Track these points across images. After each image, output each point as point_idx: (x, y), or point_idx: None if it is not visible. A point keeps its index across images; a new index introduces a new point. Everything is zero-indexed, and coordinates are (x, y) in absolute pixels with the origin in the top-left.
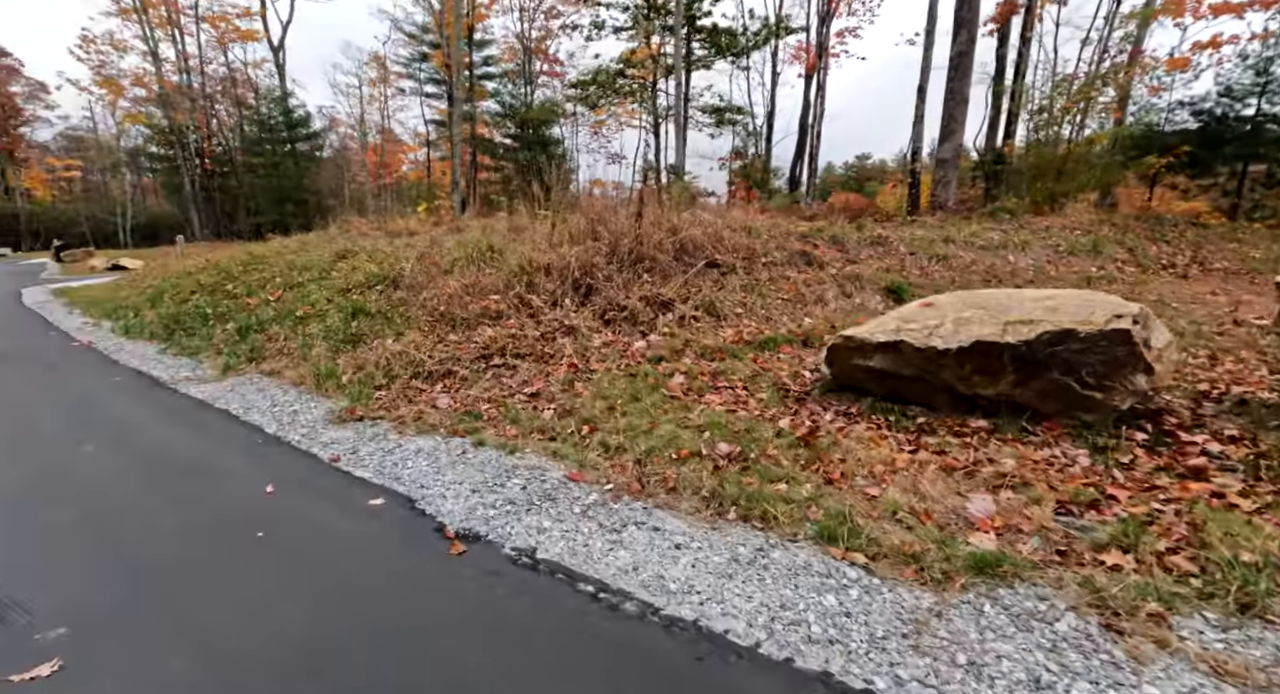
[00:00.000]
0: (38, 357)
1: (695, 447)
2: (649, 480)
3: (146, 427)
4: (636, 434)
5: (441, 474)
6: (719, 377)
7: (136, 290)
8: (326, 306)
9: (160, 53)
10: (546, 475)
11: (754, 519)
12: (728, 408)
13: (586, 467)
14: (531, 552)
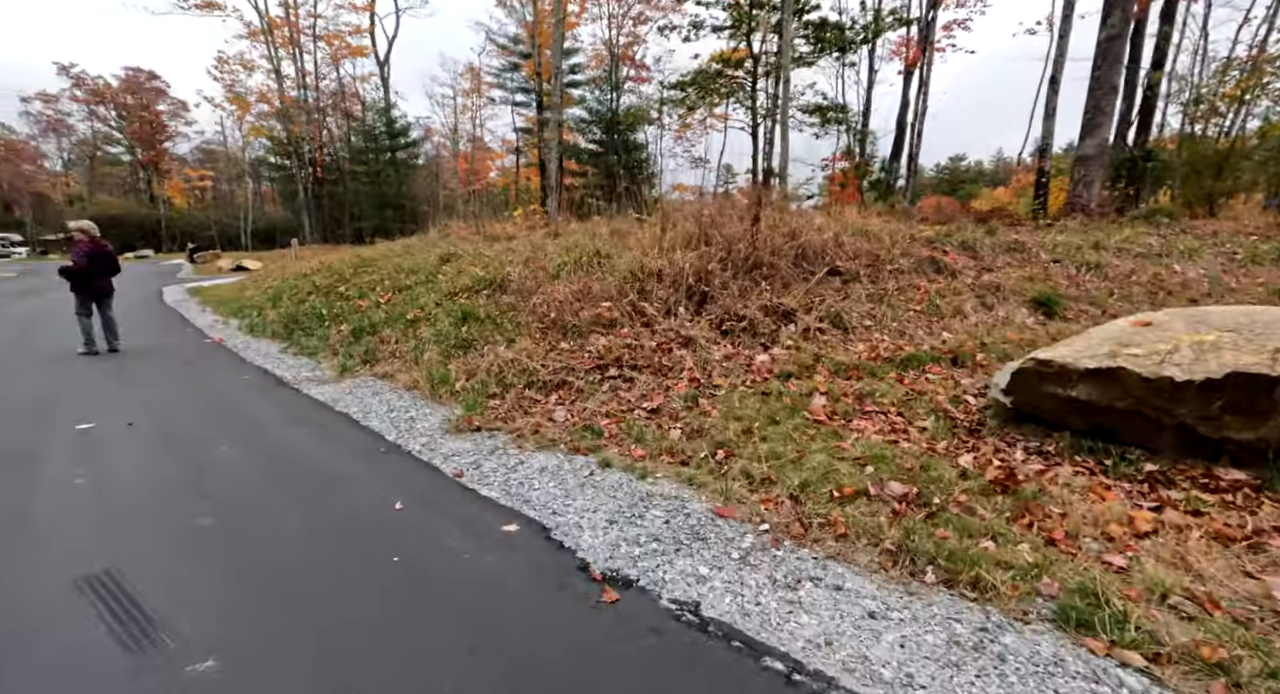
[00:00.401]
0: (177, 353)
1: (858, 483)
2: (811, 522)
3: (274, 428)
4: (783, 464)
5: (571, 499)
6: (865, 399)
7: (259, 291)
8: (435, 310)
9: (282, 70)
10: (688, 507)
11: (961, 585)
12: (885, 437)
13: (731, 499)
14: (695, 607)
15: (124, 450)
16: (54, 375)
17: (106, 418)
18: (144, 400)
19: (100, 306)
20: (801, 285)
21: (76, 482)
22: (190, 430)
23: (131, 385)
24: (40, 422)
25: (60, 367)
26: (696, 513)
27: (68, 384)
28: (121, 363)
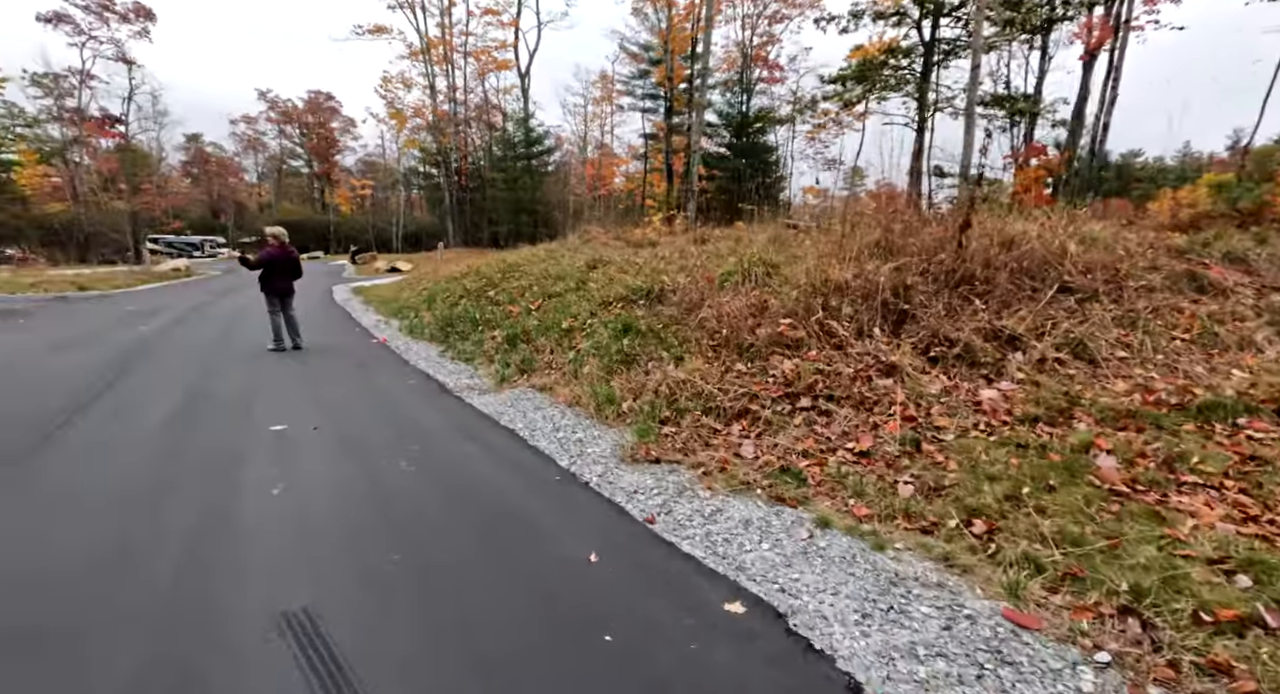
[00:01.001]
0: (349, 352)
1: (1233, 601)
2: (1180, 660)
3: (447, 443)
4: (1088, 553)
5: (797, 570)
6: (1174, 464)
7: (414, 293)
8: (590, 320)
9: (436, 86)
10: (963, 604)
11: None
12: (1240, 527)
13: (1023, 600)
14: None
15: (313, 459)
16: (250, 372)
17: (296, 419)
18: (325, 401)
19: (283, 306)
20: (1026, 305)
21: (274, 492)
22: (369, 438)
23: (313, 384)
24: (242, 420)
25: (255, 363)
26: (980, 616)
27: (262, 381)
28: (305, 361)
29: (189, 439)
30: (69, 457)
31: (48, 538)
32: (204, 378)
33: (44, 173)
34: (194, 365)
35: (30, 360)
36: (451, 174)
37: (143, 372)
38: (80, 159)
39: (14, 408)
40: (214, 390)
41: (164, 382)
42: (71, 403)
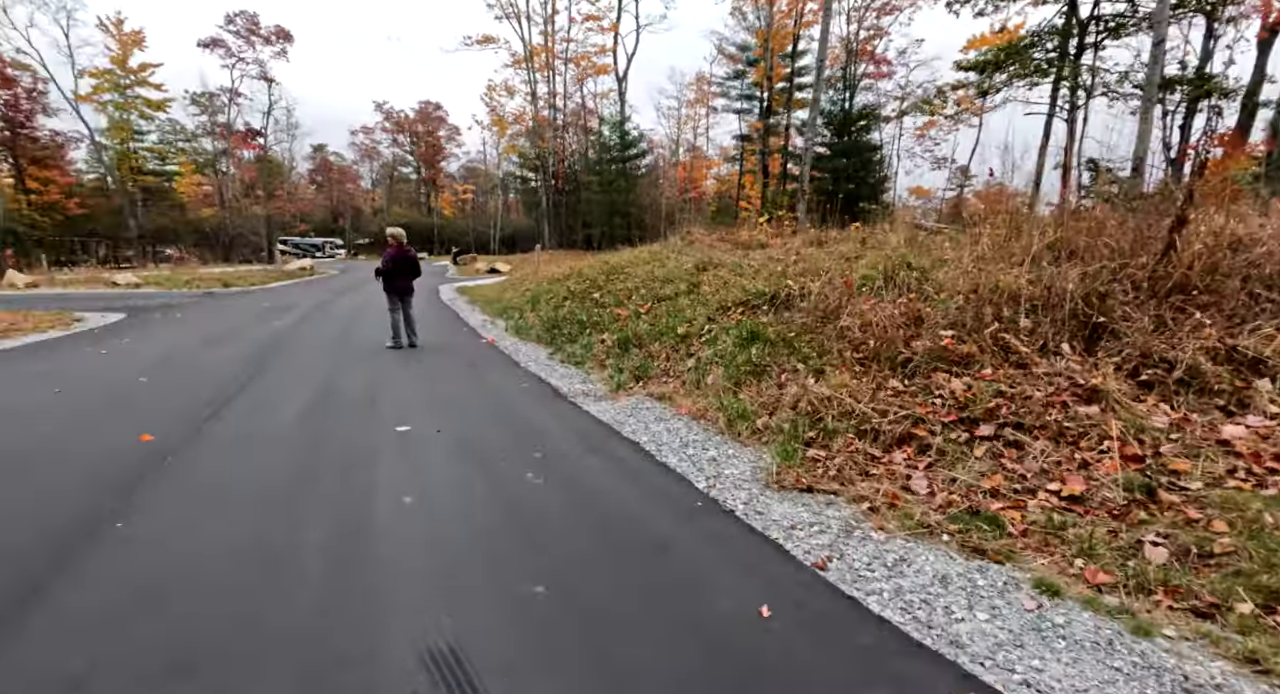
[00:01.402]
0: (460, 351)
1: None
2: None
3: (571, 454)
4: None
5: (1035, 655)
6: None
7: (517, 293)
8: (709, 326)
9: (537, 92)
10: None
11: None
12: None
13: None
14: None
15: (439, 464)
16: (372, 369)
17: (417, 419)
18: (443, 400)
19: (403, 304)
20: (1265, 320)
21: (405, 500)
22: (490, 444)
23: (430, 382)
24: (368, 419)
25: (375, 360)
26: None
27: (383, 378)
28: (420, 359)
29: (322, 437)
30: (217, 450)
31: (197, 536)
32: (332, 373)
33: (198, 182)
34: (322, 361)
35: (185, 353)
36: (549, 178)
37: (278, 366)
38: (227, 169)
39: (171, 402)
40: (341, 386)
41: (297, 376)
42: (219, 395)
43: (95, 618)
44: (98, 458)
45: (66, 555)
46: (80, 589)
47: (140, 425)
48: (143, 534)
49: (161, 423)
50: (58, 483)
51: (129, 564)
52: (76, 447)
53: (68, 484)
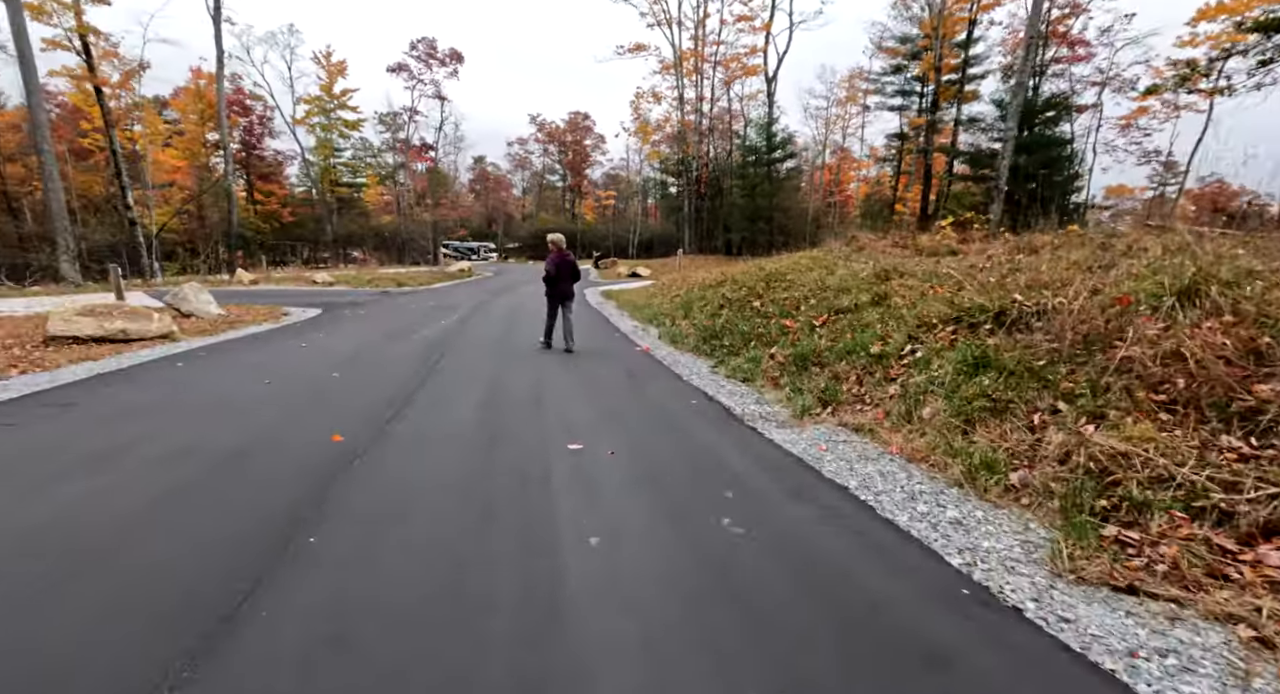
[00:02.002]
0: (617, 358)
1: None
2: None
3: (767, 495)
4: None
5: None
6: None
7: (666, 299)
8: (910, 345)
9: (684, 96)
10: None
11: None
12: None
13: None
14: None
15: (620, 497)
16: (535, 371)
17: (587, 434)
18: (610, 414)
19: (563, 308)
20: None
21: (592, 542)
22: (671, 473)
23: (593, 392)
24: (538, 429)
25: (536, 362)
26: None
27: (546, 384)
28: (578, 364)
29: (496, 447)
30: (399, 452)
31: (378, 573)
32: (498, 375)
33: (380, 192)
34: (487, 361)
35: (369, 349)
36: (691, 182)
37: (449, 365)
38: (403, 180)
39: (359, 399)
40: (508, 390)
41: (466, 377)
42: (399, 394)
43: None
44: (296, 461)
45: (260, 574)
46: (240, 644)
47: (333, 422)
48: (327, 555)
49: (351, 422)
50: (260, 490)
51: (312, 594)
52: (281, 445)
53: (271, 491)
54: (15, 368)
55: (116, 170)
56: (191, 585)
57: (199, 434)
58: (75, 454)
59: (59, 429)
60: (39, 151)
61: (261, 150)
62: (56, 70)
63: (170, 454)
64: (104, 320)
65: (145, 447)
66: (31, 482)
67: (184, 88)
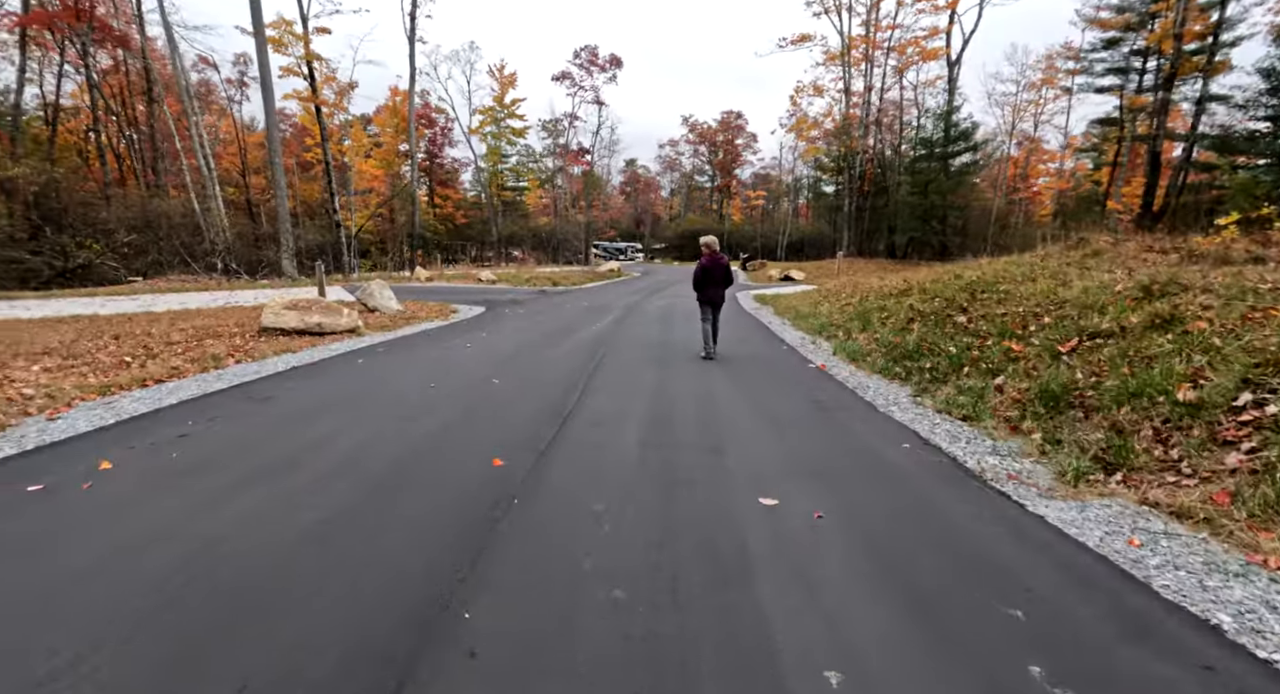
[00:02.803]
0: (790, 377)
1: None
2: None
3: (1092, 637)
4: None
5: None
6: None
7: (835, 307)
8: (1248, 391)
9: (850, 87)
10: None
11: None
12: None
13: None
14: None
15: (846, 591)
16: (699, 384)
17: (780, 484)
18: (803, 456)
19: (713, 313)
20: None
21: (830, 680)
22: (915, 564)
23: (771, 419)
24: (715, 469)
25: (699, 375)
26: None
27: (716, 403)
28: (749, 383)
29: (673, 497)
30: (560, 496)
31: (541, 654)
32: (660, 389)
33: (539, 195)
34: (647, 372)
35: (529, 351)
36: (853, 179)
37: (608, 376)
38: (560, 183)
39: (518, 413)
40: (674, 412)
41: (627, 392)
42: (557, 409)
43: None
44: (454, 490)
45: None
46: None
47: (493, 439)
48: (484, 626)
49: (510, 439)
50: (414, 532)
51: None
52: (440, 464)
53: (426, 533)
54: (232, 357)
55: (328, 179)
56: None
57: (364, 445)
58: (247, 465)
59: (245, 430)
60: (271, 164)
61: (442, 159)
62: (289, 93)
63: (334, 470)
64: (304, 314)
65: (315, 458)
66: (197, 497)
67: (384, 105)
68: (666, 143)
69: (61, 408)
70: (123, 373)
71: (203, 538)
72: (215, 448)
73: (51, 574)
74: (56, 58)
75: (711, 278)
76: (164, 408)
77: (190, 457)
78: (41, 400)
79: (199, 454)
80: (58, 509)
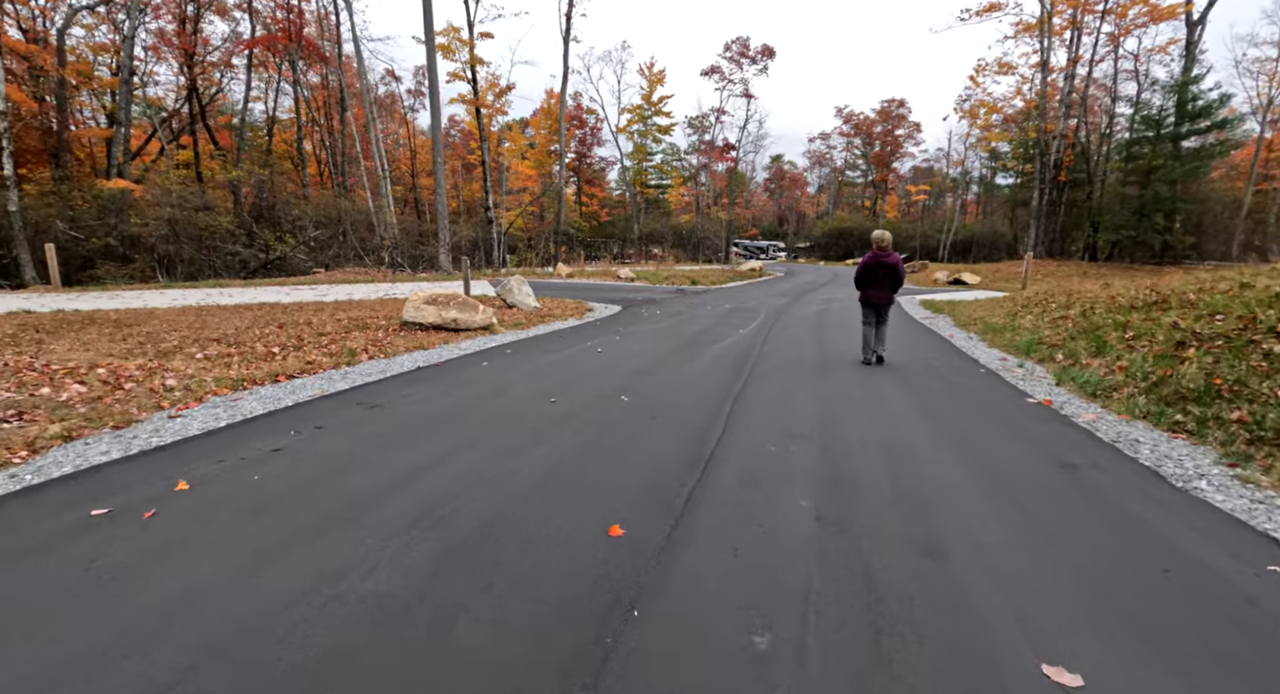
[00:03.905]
0: (1005, 416)
1: None
2: None
3: None
4: None
5: None
6: None
7: (1041, 318)
8: None
9: (1048, 62)
10: None
11: None
12: None
13: None
14: None
15: None
16: (890, 435)
17: (1073, 641)
18: (1080, 566)
19: (877, 318)
20: None
21: None
22: None
23: (1005, 491)
24: (954, 604)
25: (884, 411)
26: None
27: (920, 467)
28: (952, 423)
29: (883, 625)
30: (706, 568)
31: None
32: (830, 423)
33: (681, 192)
34: (807, 399)
35: (664, 363)
36: (1047, 169)
37: (758, 403)
38: (703, 180)
39: (643, 450)
40: (853, 455)
41: (783, 428)
42: (695, 449)
43: None
44: (555, 572)
45: None
46: None
47: (614, 486)
48: None
49: (636, 491)
50: (489, 644)
51: None
52: (542, 525)
53: (499, 656)
54: (365, 353)
55: (484, 178)
56: None
57: (451, 494)
58: (313, 510)
59: (335, 451)
60: (434, 163)
61: (590, 158)
62: (454, 97)
63: (401, 531)
64: (442, 310)
65: (389, 506)
66: (240, 555)
67: (540, 107)
68: (816, 136)
69: (191, 403)
70: (263, 366)
71: (208, 631)
72: (295, 477)
73: (56, 656)
74: (274, 76)
75: (874, 277)
76: (279, 410)
77: (267, 486)
78: (179, 393)
79: (276, 484)
80: (101, 548)
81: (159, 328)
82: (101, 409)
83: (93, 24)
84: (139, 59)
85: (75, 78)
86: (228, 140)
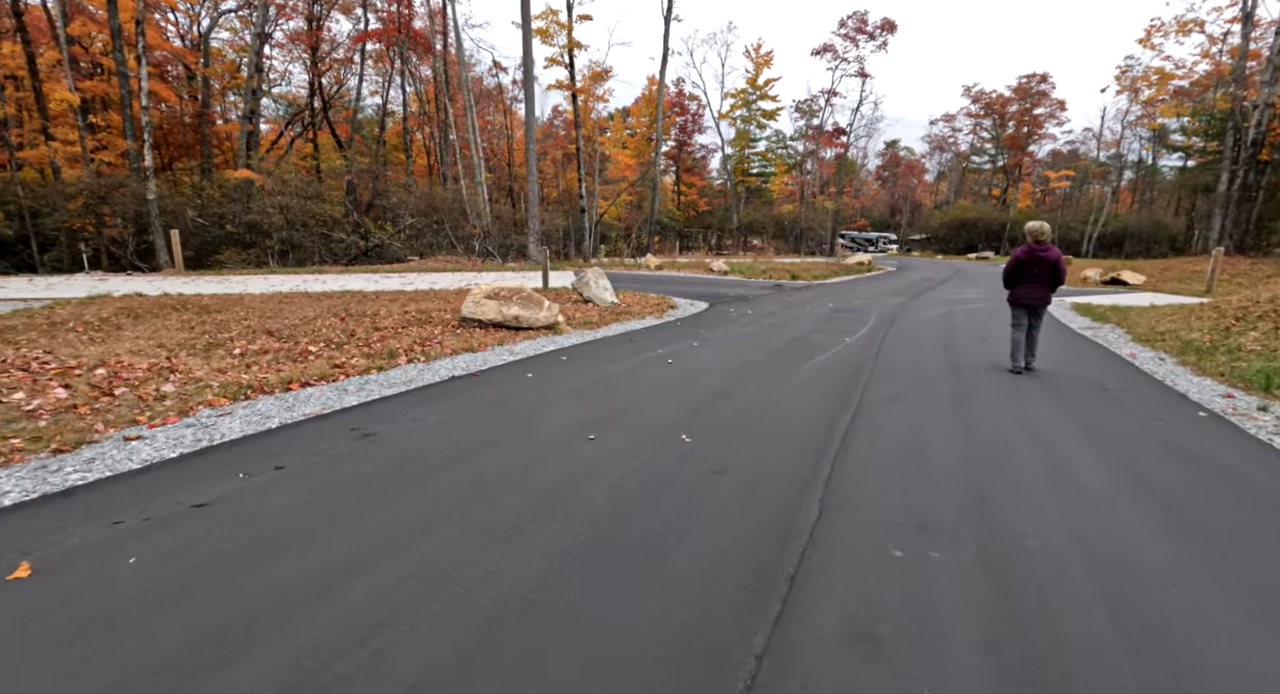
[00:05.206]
0: (1264, 496)
1: None
2: None
3: None
4: None
5: None
6: None
7: (1276, 336)
8: None
9: (1252, 15)
10: None
11: None
12: None
13: None
14: None
15: None
16: (1087, 533)
17: None
18: None
19: (1029, 320)
20: None
21: None
22: None
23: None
24: None
25: (1067, 486)
26: None
27: (1162, 604)
28: (1155, 497)
29: None
30: None
31: None
32: (987, 501)
33: (785, 181)
34: (948, 449)
35: (748, 383)
36: (1244, 145)
37: (877, 451)
38: (810, 168)
39: (710, 534)
40: (1040, 573)
41: (920, 501)
42: (782, 534)
43: None
44: None
45: None
46: None
47: (634, 633)
48: None
49: (673, 647)
50: None
51: None
52: (518, 678)
53: None
54: (405, 355)
55: (579, 165)
56: None
57: (396, 603)
58: (199, 618)
59: (271, 512)
60: (526, 151)
61: (690, 146)
62: (551, 84)
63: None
64: (504, 305)
65: (274, 643)
66: None
67: (641, 95)
68: (939, 118)
69: (171, 418)
70: (287, 368)
71: None
72: (177, 567)
73: None
74: (389, 69)
75: (1028, 273)
76: (255, 434)
77: (122, 584)
78: (170, 402)
79: (136, 582)
80: None
81: (234, 316)
82: (64, 423)
83: (236, 28)
84: (273, 58)
85: (218, 78)
86: (347, 133)
